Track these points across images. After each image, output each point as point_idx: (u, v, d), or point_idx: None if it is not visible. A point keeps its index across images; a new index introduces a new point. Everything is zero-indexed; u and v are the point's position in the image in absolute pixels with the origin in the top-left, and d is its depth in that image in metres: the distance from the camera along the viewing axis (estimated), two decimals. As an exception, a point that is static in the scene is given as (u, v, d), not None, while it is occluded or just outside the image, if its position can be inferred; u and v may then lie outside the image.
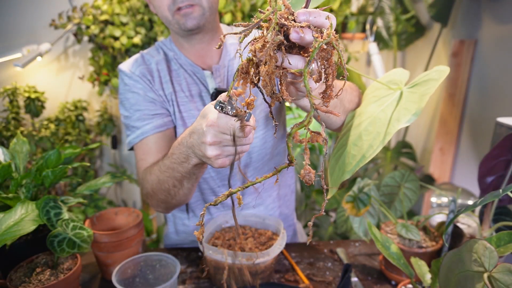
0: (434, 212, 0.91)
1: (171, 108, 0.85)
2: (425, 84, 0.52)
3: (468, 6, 1.64)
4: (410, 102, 0.51)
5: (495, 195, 0.58)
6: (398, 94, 0.54)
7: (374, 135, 0.52)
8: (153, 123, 0.83)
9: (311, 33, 0.40)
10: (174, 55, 0.87)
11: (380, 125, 0.52)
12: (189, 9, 0.76)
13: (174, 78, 0.85)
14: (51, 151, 0.80)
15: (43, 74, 1.87)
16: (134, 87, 0.84)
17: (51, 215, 0.71)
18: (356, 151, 0.53)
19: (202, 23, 0.79)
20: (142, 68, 0.85)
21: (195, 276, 0.86)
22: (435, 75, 0.52)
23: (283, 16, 0.40)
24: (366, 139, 0.52)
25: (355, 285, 0.82)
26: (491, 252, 0.44)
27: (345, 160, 0.54)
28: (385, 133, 0.50)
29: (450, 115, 1.72)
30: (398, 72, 0.60)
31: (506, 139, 0.69)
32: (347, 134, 0.58)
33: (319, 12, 0.41)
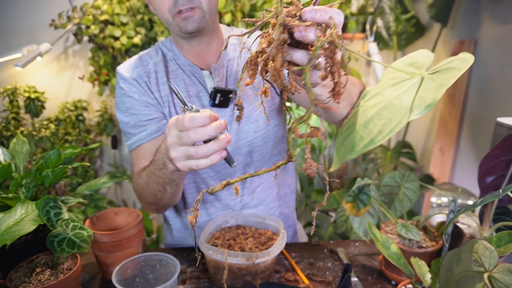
0: (434, 212, 0.91)
1: (167, 110, 0.86)
2: (446, 72, 0.48)
3: (468, 6, 1.65)
4: (427, 91, 0.48)
5: (495, 195, 0.58)
6: (418, 80, 0.50)
7: (385, 121, 0.50)
8: (148, 130, 0.85)
9: (314, 32, 0.41)
10: (173, 55, 0.87)
11: (394, 112, 0.49)
12: (190, 13, 0.77)
13: (171, 79, 0.86)
14: (51, 151, 0.80)
15: (43, 74, 1.87)
16: (130, 91, 0.85)
17: (51, 215, 0.71)
18: (365, 133, 0.51)
19: (202, 26, 0.80)
20: (138, 69, 0.86)
21: (195, 276, 0.86)
22: (458, 64, 0.48)
23: (291, 14, 0.41)
24: (377, 123, 0.51)
25: (355, 285, 0.82)
26: (491, 252, 0.44)
27: (354, 140, 0.52)
28: (397, 122, 0.48)
29: (450, 115, 1.72)
30: (422, 54, 0.55)
31: (506, 139, 0.69)
32: (358, 114, 0.56)
33: (326, 10, 0.41)
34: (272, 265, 0.81)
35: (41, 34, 1.79)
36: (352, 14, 1.82)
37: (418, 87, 0.49)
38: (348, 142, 0.53)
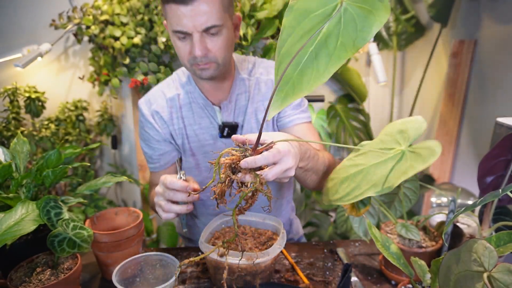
0: (434, 212, 0.91)
1: (180, 141, 0.99)
2: (415, 158, 0.49)
3: (467, 6, 1.65)
4: (396, 172, 0.50)
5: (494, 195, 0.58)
6: (399, 155, 0.52)
7: (355, 185, 0.53)
8: (160, 163, 1.02)
9: (248, 177, 0.59)
10: (189, 89, 0.98)
11: (364, 180, 0.53)
12: (206, 65, 0.86)
13: (184, 113, 0.98)
14: (51, 151, 0.80)
15: (44, 74, 1.87)
16: (146, 127, 0.99)
17: (51, 215, 0.71)
18: (341, 189, 0.57)
19: (216, 74, 0.89)
20: (155, 106, 0.98)
21: (195, 276, 0.86)
22: (426, 153, 0.48)
23: (233, 163, 0.59)
24: (350, 185, 0.55)
25: (355, 285, 0.82)
26: (491, 252, 0.44)
27: (334, 189, 0.58)
28: (361, 192, 0.52)
29: (450, 115, 1.72)
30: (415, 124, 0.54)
31: (505, 139, 0.69)
32: (344, 167, 0.60)
33: (255, 162, 0.57)
34: (272, 265, 0.81)
35: (41, 34, 1.79)
36: None
37: (394, 164, 0.51)
38: (331, 187, 0.59)
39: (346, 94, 2.03)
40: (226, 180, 0.59)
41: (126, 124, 2.01)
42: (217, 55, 0.85)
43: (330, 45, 0.45)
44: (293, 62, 0.46)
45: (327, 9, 0.44)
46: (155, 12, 1.65)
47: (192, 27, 0.79)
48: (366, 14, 0.43)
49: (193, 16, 0.78)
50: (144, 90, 1.76)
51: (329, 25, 0.44)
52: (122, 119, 2.01)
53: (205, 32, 0.81)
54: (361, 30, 0.43)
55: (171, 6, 0.79)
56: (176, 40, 0.85)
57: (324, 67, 0.45)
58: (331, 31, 0.44)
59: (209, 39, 0.83)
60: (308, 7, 0.45)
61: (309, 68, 0.46)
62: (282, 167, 0.61)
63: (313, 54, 0.46)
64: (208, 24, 0.80)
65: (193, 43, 0.82)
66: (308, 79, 0.46)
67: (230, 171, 0.60)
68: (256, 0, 1.60)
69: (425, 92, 1.93)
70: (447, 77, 1.71)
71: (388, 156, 0.53)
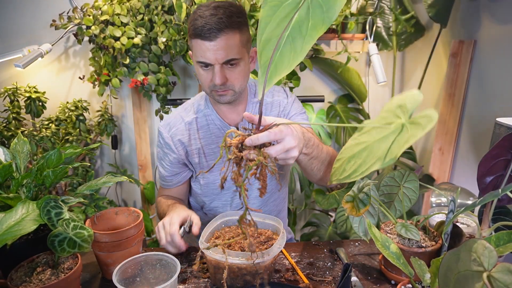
0: (434, 212, 0.91)
1: (196, 159, 1.08)
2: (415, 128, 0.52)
3: (467, 7, 1.65)
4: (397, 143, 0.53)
5: (494, 194, 0.58)
6: (399, 128, 0.54)
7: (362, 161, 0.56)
8: (173, 181, 1.12)
9: (253, 154, 0.63)
10: (207, 112, 1.08)
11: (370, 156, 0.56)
12: (224, 92, 0.96)
13: (202, 135, 1.08)
14: (51, 151, 0.81)
15: (44, 74, 1.87)
16: (165, 148, 1.09)
17: (51, 215, 0.71)
18: (348, 167, 0.59)
19: (233, 100, 1.00)
20: (174, 129, 1.07)
21: (195, 276, 0.86)
22: (424, 121, 0.52)
23: (239, 143, 0.64)
24: (357, 161, 0.58)
25: (355, 285, 0.82)
26: (491, 252, 0.44)
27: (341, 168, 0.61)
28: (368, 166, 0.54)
29: (450, 115, 1.72)
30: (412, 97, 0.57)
31: (505, 139, 0.69)
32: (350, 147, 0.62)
33: (258, 139, 0.63)
34: (272, 265, 0.81)
35: (41, 35, 1.79)
36: (352, 14, 1.82)
37: (395, 137, 0.54)
38: (337, 168, 0.62)
39: (346, 94, 2.03)
40: (234, 158, 0.64)
41: (127, 124, 2.02)
42: (235, 84, 0.96)
43: (303, 28, 0.53)
44: (272, 46, 0.54)
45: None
46: (155, 12, 1.65)
47: (214, 60, 0.91)
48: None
49: (215, 50, 0.89)
50: (144, 90, 1.77)
51: (300, 11, 0.52)
52: (123, 119, 2.01)
53: (225, 64, 0.92)
54: (327, 11, 0.51)
55: (197, 41, 0.90)
56: (200, 69, 0.96)
57: (300, 47, 0.53)
58: (303, 16, 0.52)
59: (228, 70, 0.94)
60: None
61: (287, 50, 0.54)
62: (284, 145, 0.67)
63: (290, 38, 0.53)
64: (228, 57, 0.91)
65: (214, 73, 0.93)
66: (288, 59, 0.54)
67: (238, 150, 0.64)
68: (256, 0, 1.60)
69: (425, 92, 1.93)
70: (446, 77, 1.71)
71: (390, 130, 0.55)
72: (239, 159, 0.64)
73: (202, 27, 0.88)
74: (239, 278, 0.77)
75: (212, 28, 0.87)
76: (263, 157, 0.63)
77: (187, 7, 1.57)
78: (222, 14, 0.88)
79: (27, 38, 1.80)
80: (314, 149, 0.84)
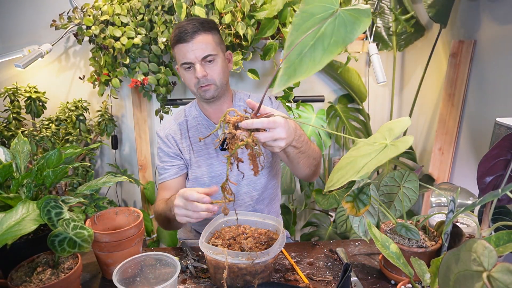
0: (434, 212, 0.91)
1: (188, 155, 1.20)
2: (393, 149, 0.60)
3: (467, 7, 1.65)
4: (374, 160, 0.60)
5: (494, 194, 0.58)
6: (381, 148, 0.62)
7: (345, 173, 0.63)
8: (170, 172, 1.19)
9: (244, 135, 0.72)
10: (196, 115, 1.22)
11: (351, 169, 0.62)
12: (207, 87, 1.10)
13: (191, 134, 1.21)
14: (52, 151, 0.81)
15: (44, 74, 1.87)
16: (162, 145, 1.21)
17: (52, 215, 0.71)
18: (335, 177, 0.65)
19: (216, 94, 1.12)
20: (168, 130, 1.22)
21: (195, 276, 0.86)
22: (400, 144, 0.59)
23: (236, 122, 0.72)
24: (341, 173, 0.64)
25: (355, 285, 0.82)
26: (490, 252, 0.44)
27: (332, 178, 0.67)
28: (346, 178, 0.61)
29: (449, 115, 1.72)
30: (402, 123, 0.66)
31: (505, 139, 0.69)
32: (342, 159, 0.69)
33: (252, 123, 0.72)
34: (272, 264, 0.81)
35: (42, 35, 1.79)
36: None
37: (376, 155, 0.61)
38: (330, 178, 0.68)
39: (346, 94, 2.03)
40: (228, 134, 0.73)
41: (127, 124, 2.02)
42: (215, 77, 1.09)
43: (325, 41, 0.58)
44: (296, 51, 0.59)
45: (326, 13, 0.59)
46: (155, 12, 1.65)
47: (194, 58, 1.06)
48: (354, 20, 0.57)
49: (193, 49, 1.05)
50: (144, 90, 1.77)
51: (327, 26, 0.58)
52: (123, 119, 2.01)
53: (203, 60, 1.07)
54: (349, 32, 0.57)
55: (178, 46, 1.07)
56: (184, 72, 1.10)
57: (319, 58, 0.58)
58: (328, 31, 0.58)
59: (207, 66, 1.08)
60: (313, 11, 0.60)
61: (308, 58, 0.59)
62: (274, 134, 0.75)
63: (312, 47, 0.59)
64: (205, 53, 1.06)
65: (196, 70, 1.06)
66: (306, 66, 0.59)
67: (234, 128, 0.72)
68: (256, 0, 1.60)
69: (425, 92, 1.93)
70: (446, 77, 1.71)
71: (374, 148, 0.63)
72: (232, 136, 0.72)
73: (179, 34, 1.06)
74: (239, 278, 0.77)
75: (188, 32, 1.05)
76: (252, 141, 0.71)
77: (187, 7, 1.57)
78: (195, 22, 1.08)
79: (27, 38, 1.80)
80: (304, 144, 0.93)
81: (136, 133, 1.93)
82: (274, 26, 1.61)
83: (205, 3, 1.55)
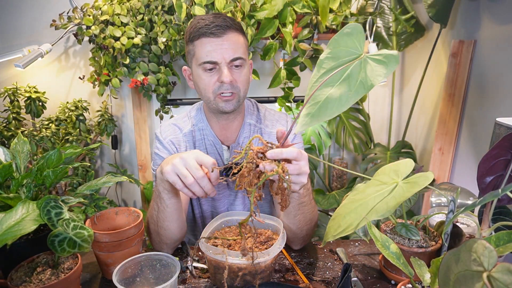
0: (434, 212, 0.91)
1: None
2: (411, 186, 0.60)
3: (467, 7, 1.65)
4: (392, 198, 0.60)
5: (494, 194, 0.58)
6: (393, 187, 0.62)
7: (357, 216, 0.62)
8: None
9: (271, 166, 0.64)
10: (202, 127, 1.05)
11: (365, 210, 0.61)
12: (230, 97, 0.93)
13: (197, 148, 1.04)
14: (51, 151, 0.81)
15: (44, 74, 1.87)
16: (162, 152, 1.04)
17: (52, 215, 0.71)
18: (343, 223, 0.64)
19: (236, 108, 0.96)
20: (171, 137, 1.05)
21: (195, 276, 0.86)
22: (421, 180, 0.60)
23: (259, 152, 0.67)
24: (352, 216, 0.63)
25: (355, 285, 0.82)
26: (491, 252, 0.44)
27: (336, 225, 0.66)
28: (363, 218, 0.60)
29: (449, 115, 1.72)
30: (405, 164, 0.67)
31: (505, 139, 0.69)
32: (345, 205, 0.69)
33: (281, 153, 0.65)
34: (272, 265, 0.81)
35: (41, 35, 1.79)
36: (352, 14, 1.82)
37: (389, 193, 0.61)
38: (333, 225, 0.67)
39: (346, 94, 2.03)
40: (251, 163, 0.66)
41: (126, 124, 2.02)
42: (241, 87, 0.93)
43: (352, 82, 0.59)
44: (322, 92, 0.60)
45: (352, 57, 0.60)
46: (155, 12, 1.65)
47: (221, 58, 0.89)
48: (381, 64, 0.57)
49: (222, 48, 0.88)
50: (144, 90, 1.77)
51: (352, 68, 0.59)
52: (122, 119, 2.01)
53: (231, 63, 0.90)
54: (376, 75, 0.58)
55: (202, 41, 0.88)
56: (201, 73, 0.92)
57: (345, 99, 0.58)
58: (354, 72, 0.59)
59: (234, 71, 0.92)
60: (339, 54, 0.61)
61: (334, 98, 0.59)
62: (301, 166, 0.69)
63: (337, 87, 0.59)
64: (235, 55, 0.89)
65: (221, 72, 0.90)
66: (331, 106, 0.59)
67: (256, 157, 0.66)
68: (256, 0, 1.60)
69: (425, 92, 1.93)
70: (446, 77, 1.71)
71: (385, 188, 0.63)
72: (255, 166, 0.66)
73: (207, 26, 0.87)
74: (239, 278, 0.77)
75: (219, 25, 0.87)
76: (282, 171, 0.64)
77: (187, 7, 1.57)
78: (225, 17, 0.90)
79: (27, 38, 1.80)
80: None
81: (136, 133, 1.93)
82: (274, 26, 1.61)
83: (205, 3, 1.55)
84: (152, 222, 0.92)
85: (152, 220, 0.91)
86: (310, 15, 1.71)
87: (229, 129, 1.05)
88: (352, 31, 0.60)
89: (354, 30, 0.60)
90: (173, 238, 0.92)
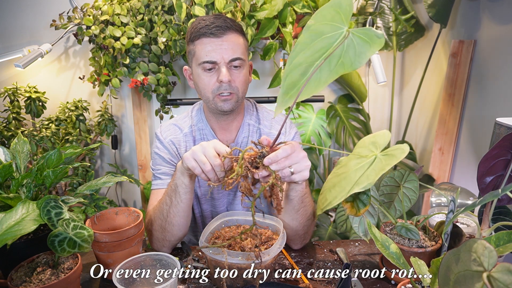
0: (434, 212, 0.91)
1: None
2: (389, 158, 0.60)
3: (467, 7, 1.65)
4: (372, 171, 0.60)
5: (494, 194, 0.58)
6: (372, 160, 0.63)
7: (341, 189, 0.63)
8: (168, 180, 1.03)
9: (267, 174, 0.69)
10: (202, 127, 1.06)
11: (348, 183, 0.62)
12: (228, 97, 0.95)
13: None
14: (51, 151, 0.81)
15: (44, 74, 1.87)
16: (162, 152, 1.05)
17: (52, 215, 0.71)
18: (329, 196, 0.65)
19: (234, 107, 0.98)
20: (172, 137, 1.06)
21: (195, 276, 0.86)
22: (397, 153, 0.60)
23: (255, 157, 0.69)
24: (337, 189, 0.64)
25: (355, 285, 0.82)
26: (491, 252, 0.44)
27: (323, 199, 0.68)
28: (347, 191, 0.61)
29: (450, 115, 1.72)
30: (382, 136, 0.67)
31: (505, 139, 0.69)
32: (330, 180, 0.70)
33: (277, 156, 0.69)
34: (272, 265, 0.81)
35: (41, 35, 1.79)
36: (352, 14, 1.82)
37: (369, 166, 0.61)
38: (321, 199, 0.69)
39: (346, 94, 2.03)
40: (244, 172, 0.68)
41: (126, 124, 2.02)
42: (239, 87, 0.95)
43: (332, 62, 0.56)
44: (301, 71, 0.57)
45: (336, 33, 0.56)
46: (155, 12, 1.65)
47: (220, 58, 0.91)
48: (364, 44, 0.54)
49: (222, 48, 0.90)
50: (144, 90, 1.76)
51: (335, 47, 0.56)
52: (122, 119, 2.01)
53: (230, 64, 0.92)
54: (358, 55, 0.55)
55: (202, 41, 0.91)
56: (201, 73, 0.94)
57: (324, 79, 0.57)
58: (336, 51, 0.56)
59: (233, 72, 0.94)
60: (322, 30, 0.56)
61: (313, 79, 0.57)
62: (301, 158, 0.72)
63: (319, 69, 0.57)
64: (235, 55, 0.91)
65: (220, 72, 0.92)
66: (310, 86, 0.57)
67: (250, 165, 0.68)
68: (256, 0, 1.60)
69: (425, 92, 1.93)
70: (446, 77, 1.71)
71: (365, 161, 0.63)
72: (251, 177, 0.69)
73: (208, 26, 0.89)
74: (239, 278, 0.77)
75: (219, 26, 0.89)
76: (275, 179, 0.68)
77: (187, 7, 1.57)
78: (225, 18, 0.93)
79: (27, 38, 1.80)
80: (307, 192, 0.90)
81: (136, 133, 1.93)
82: (274, 26, 1.61)
83: (205, 3, 1.55)
84: (160, 218, 0.92)
85: (161, 216, 0.92)
86: (310, 15, 1.71)
87: (228, 129, 1.07)
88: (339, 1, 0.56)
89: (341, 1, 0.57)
90: (178, 235, 0.94)
